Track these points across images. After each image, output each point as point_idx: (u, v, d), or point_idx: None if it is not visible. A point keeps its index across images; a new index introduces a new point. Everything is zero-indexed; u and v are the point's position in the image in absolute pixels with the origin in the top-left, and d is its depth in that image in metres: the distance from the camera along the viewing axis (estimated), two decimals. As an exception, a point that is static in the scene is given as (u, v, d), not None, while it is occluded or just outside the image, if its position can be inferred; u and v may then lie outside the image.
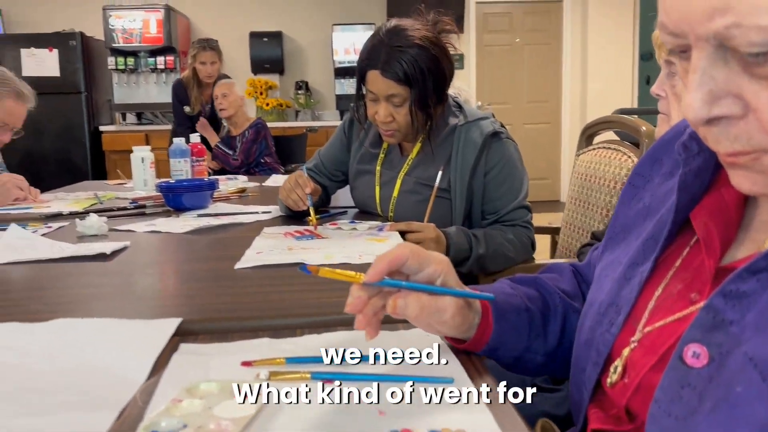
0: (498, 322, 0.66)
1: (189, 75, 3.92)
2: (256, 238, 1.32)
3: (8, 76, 2.09)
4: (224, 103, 3.43)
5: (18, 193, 1.97)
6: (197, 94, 3.91)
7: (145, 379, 0.62)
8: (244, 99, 3.57)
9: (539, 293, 0.73)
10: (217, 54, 3.88)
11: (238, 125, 3.51)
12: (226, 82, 3.55)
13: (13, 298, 0.95)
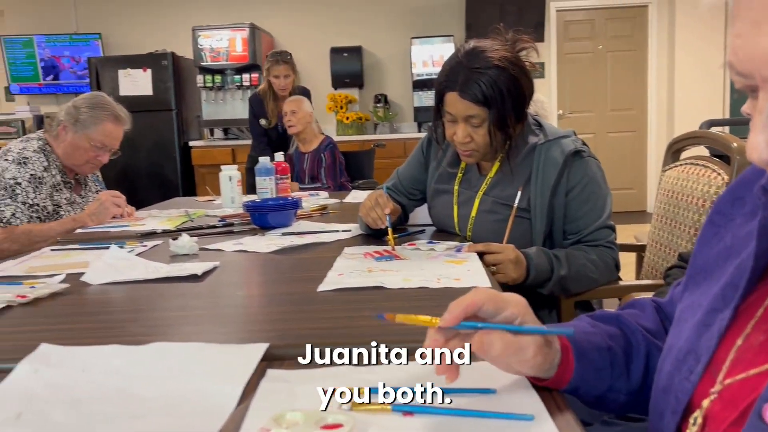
0: (579, 361, 0.66)
1: (265, 88, 3.97)
2: (338, 258, 1.35)
3: (107, 100, 2.23)
4: (293, 120, 3.46)
5: (116, 211, 2.09)
6: (273, 106, 3.94)
7: (235, 406, 0.65)
8: (313, 115, 3.59)
9: (621, 331, 0.72)
10: (290, 67, 3.89)
11: (308, 141, 3.54)
12: (295, 98, 3.58)
13: (115, 320, 1.01)
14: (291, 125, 3.47)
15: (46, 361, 0.77)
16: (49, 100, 6.73)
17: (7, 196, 2.03)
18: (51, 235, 2.00)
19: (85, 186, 2.35)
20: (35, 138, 2.20)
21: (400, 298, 1.03)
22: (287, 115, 3.47)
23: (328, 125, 6.43)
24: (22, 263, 1.45)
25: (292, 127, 3.48)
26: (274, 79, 3.87)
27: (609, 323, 0.73)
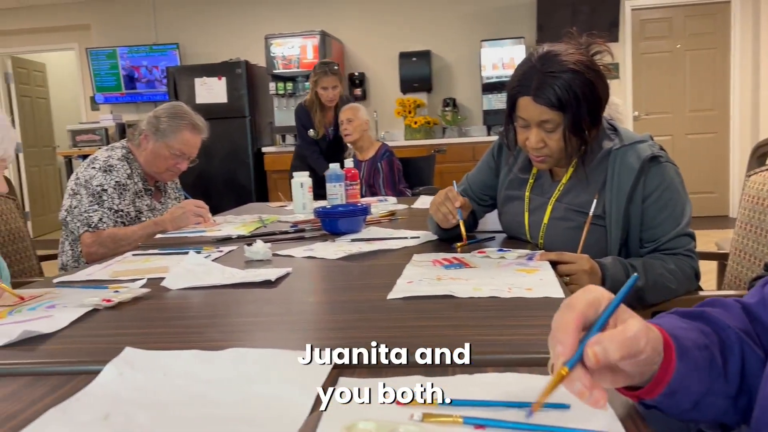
0: (681, 359, 0.59)
1: (312, 99, 3.95)
2: (407, 266, 1.35)
3: (185, 110, 2.32)
4: (349, 128, 3.45)
5: (196, 220, 2.16)
6: (320, 117, 3.93)
7: (308, 414, 0.66)
8: (369, 123, 3.56)
9: (710, 328, 0.66)
10: (338, 78, 3.87)
11: (364, 149, 3.52)
12: (351, 106, 3.55)
13: (193, 324, 1.05)
14: (347, 133, 3.46)
15: (130, 364, 0.81)
16: (130, 108, 7.05)
17: (95, 202, 2.14)
18: (134, 238, 2.09)
19: (164, 193, 2.45)
20: (119, 147, 2.31)
21: (470, 308, 1.02)
22: (343, 124, 3.47)
23: (396, 129, 6.47)
24: (107, 267, 1.52)
25: (348, 136, 3.47)
26: (321, 91, 3.85)
27: (696, 320, 0.67)
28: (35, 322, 1.01)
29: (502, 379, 0.74)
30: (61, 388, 0.77)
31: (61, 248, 2.28)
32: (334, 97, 3.88)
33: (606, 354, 0.53)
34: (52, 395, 0.75)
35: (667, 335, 0.60)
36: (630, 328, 0.55)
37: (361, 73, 6.54)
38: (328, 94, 3.84)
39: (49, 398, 0.74)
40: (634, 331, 0.54)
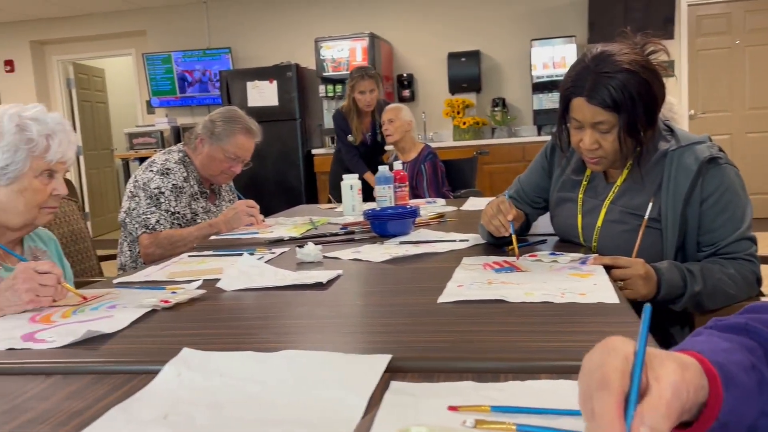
0: (728, 389, 0.55)
1: (348, 105, 3.90)
2: (457, 269, 1.35)
3: (239, 114, 2.37)
4: (390, 129, 3.41)
5: (249, 220, 2.20)
6: (357, 123, 3.89)
7: (360, 417, 0.67)
8: (412, 123, 3.51)
9: (756, 342, 0.61)
10: (375, 82, 3.81)
11: (406, 150, 3.47)
12: (393, 107, 3.51)
13: (247, 326, 1.07)
14: (389, 134, 3.43)
15: (188, 365, 0.83)
16: (185, 111, 7.23)
17: (152, 204, 2.21)
18: (190, 239, 2.14)
19: (219, 195, 2.50)
20: (176, 150, 2.38)
21: (521, 313, 1.01)
22: (385, 124, 3.44)
23: (444, 130, 6.45)
24: (164, 269, 1.56)
25: (390, 136, 3.44)
26: (359, 96, 3.81)
27: (739, 333, 0.62)
28: (98, 322, 1.05)
29: (555, 386, 0.73)
30: (122, 387, 0.80)
31: (120, 249, 2.36)
32: (372, 101, 3.83)
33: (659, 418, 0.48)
34: (114, 394, 0.78)
35: (708, 364, 0.55)
36: (666, 387, 0.50)
37: (409, 74, 6.54)
38: (366, 99, 3.80)
39: (112, 396, 0.77)
40: (672, 388, 0.50)
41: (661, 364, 0.53)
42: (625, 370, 0.51)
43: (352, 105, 3.87)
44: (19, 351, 0.95)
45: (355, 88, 3.80)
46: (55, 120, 1.45)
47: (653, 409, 0.49)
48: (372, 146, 3.97)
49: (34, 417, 0.72)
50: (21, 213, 1.42)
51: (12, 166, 1.39)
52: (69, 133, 1.48)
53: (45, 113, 1.45)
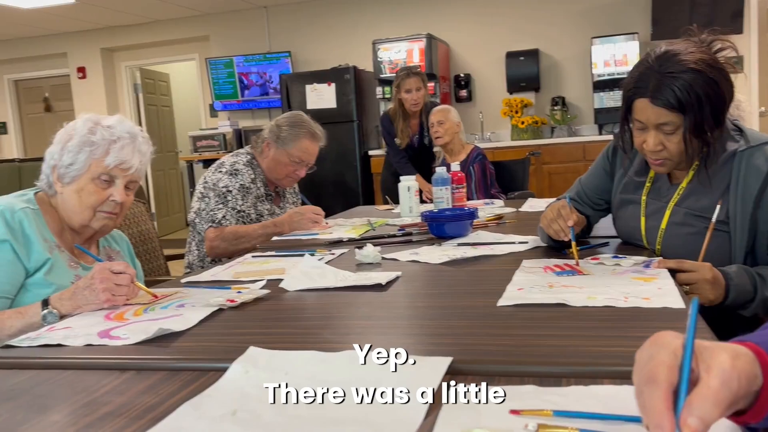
0: None
1: (395, 107, 3.82)
2: (516, 272, 1.34)
3: (305, 119, 2.43)
4: (440, 131, 3.35)
5: (312, 226, 2.24)
6: (404, 126, 3.80)
7: (422, 418, 0.68)
8: (461, 125, 3.46)
9: None
10: (421, 80, 3.71)
11: (455, 153, 3.41)
12: (442, 108, 3.45)
13: (310, 326, 1.10)
14: (438, 136, 3.37)
15: (255, 363, 0.86)
16: (246, 115, 7.39)
17: (220, 201, 2.29)
18: (254, 236, 2.21)
19: (283, 198, 2.57)
20: (243, 153, 2.45)
21: (584, 318, 1.00)
22: (434, 126, 3.38)
23: (502, 130, 6.39)
24: (229, 269, 1.61)
25: (439, 139, 3.38)
26: (405, 95, 3.71)
27: None
28: (168, 321, 1.10)
29: (619, 391, 0.72)
30: (192, 384, 0.83)
31: (188, 248, 2.44)
32: (419, 100, 3.72)
33: (704, 423, 0.49)
34: (185, 390, 0.81)
35: (764, 354, 0.55)
36: (715, 377, 0.50)
37: (466, 74, 6.51)
38: (412, 97, 3.69)
39: (183, 392, 0.80)
40: (721, 378, 0.50)
41: (711, 355, 0.53)
42: (673, 364, 0.52)
43: (399, 107, 3.78)
44: (96, 347, 1.00)
45: (401, 87, 3.70)
46: (126, 129, 1.50)
47: (702, 398, 0.50)
48: (419, 149, 3.89)
49: (112, 410, 0.76)
50: (76, 213, 1.48)
51: (74, 166, 1.46)
52: (138, 143, 1.51)
53: (121, 122, 1.51)
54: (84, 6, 6.61)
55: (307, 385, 0.79)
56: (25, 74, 8.50)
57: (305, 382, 0.80)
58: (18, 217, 1.38)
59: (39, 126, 8.56)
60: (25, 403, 0.81)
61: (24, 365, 0.95)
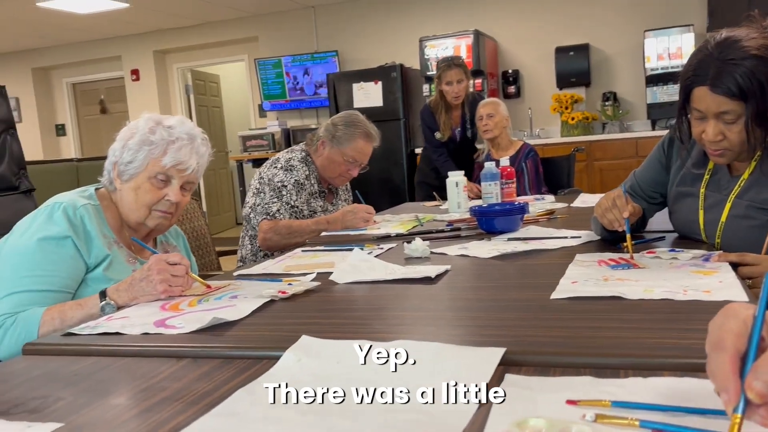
0: None
1: (436, 99, 3.69)
2: (570, 265, 1.32)
3: (360, 119, 2.44)
4: (490, 124, 3.26)
5: (364, 224, 2.25)
6: (446, 119, 3.66)
7: (476, 409, 0.67)
8: (509, 119, 3.36)
9: None
10: (463, 71, 3.56)
11: (502, 147, 3.31)
12: (491, 101, 3.36)
13: (360, 316, 1.10)
14: (487, 129, 3.27)
15: (307, 351, 0.86)
16: (294, 114, 7.48)
17: (275, 196, 2.33)
18: (306, 231, 2.24)
19: (336, 195, 2.59)
20: (298, 150, 2.49)
21: (640, 310, 0.98)
22: (483, 119, 3.28)
23: (551, 126, 6.30)
24: (280, 263, 1.63)
25: (488, 132, 3.28)
26: (446, 87, 3.57)
27: None
28: (222, 311, 1.11)
29: (680, 383, 0.70)
30: (247, 371, 0.84)
31: (241, 242, 2.49)
32: (460, 92, 3.57)
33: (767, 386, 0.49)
34: (239, 377, 0.82)
35: None
36: None
37: (515, 70, 6.44)
38: (454, 90, 3.55)
39: (237, 379, 0.81)
40: None
41: None
42: (741, 332, 0.53)
43: (440, 98, 3.65)
44: (153, 335, 1.02)
45: (442, 78, 3.56)
46: (185, 130, 1.52)
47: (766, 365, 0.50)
48: (461, 143, 3.76)
49: (169, 396, 0.77)
50: (133, 210, 1.51)
51: (133, 164, 1.49)
52: (196, 144, 1.53)
53: (181, 123, 1.53)
54: (137, 10, 6.80)
55: (359, 373, 0.79)
56: (82, 77, 8.79)
57: (357, 371, 0.80)
58: (80, 214, 1.42)
59: (95, 127, 8.84)
60: (87, 387, 0.83)
61: (85, 352, 0.98)
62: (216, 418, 0.69)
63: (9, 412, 0.75)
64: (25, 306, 1.28)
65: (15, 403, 0.78)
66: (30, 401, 0.78)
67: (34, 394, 0.81)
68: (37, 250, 1.34)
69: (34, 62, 8.66)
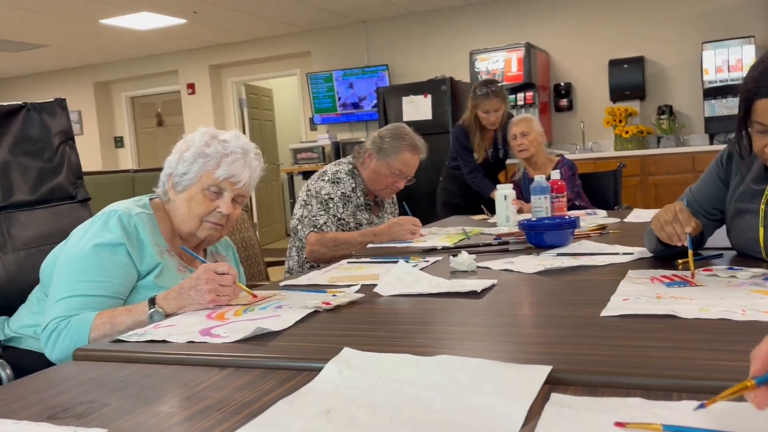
0: None
1: (470, 119, 3.53)
2: (621, 282, 1.28)
3: (407, 131, 2.44)
4: (525, 143, 3.09)
5: (410, 237, 2.24)
6: (480, 140, 3.53)
7: (520, 427, 0.65)
8: (544, 136, 3.20)
9: None
10: (502, 101, 3.42)
11: (539, 166, 3.12)
12: (524, 118, 3.20)
13: (404, 330, 1.09)
14: (522, 149, 3.11)
15: (349, 364, 0.85)
16: (344, 128, 7.54)
17: (322, 208, 2.34)
18: (353, 243, 2.24)
19: (382, 207, 2.59)
20: (345, 162, 2.50)
21: (696, 330, 0.94)
22: (517, 138, 3.12)
23: (604, 140, 6.17)
24: (325, 273, 1.63)
25: (524, 152, 3.12)
26: (483, 115, 3.44)
27: None
28: (266, 321, 1.12)
29: (737, 408, 0.66)
30: (288, 382, 0.84)
31: (289, 254, 2.51)
32: (497, 121, 3.44)
33: None
34: (281, 388, 0.82)
35: None
36: None
37: (567, 83, 6.35)
38: (490, 118, 3.43)
39: (279, 390, 0.81)
40: None
41: None
42: None
43: (473, 120, 3.51)
44: (198, 344, 1.03)
45: (480, 106, 3.44)
46: (239, 144, 1.54)
47: None
48: (494, 163, 3.66)
49: (211, 405, 0.78)
50: (185, 221, 1.53)
51: (187, 176, 1.52)
52: (249, 158, 1.56)
53: (236, 138, 1.56)
54: (194, 25, 6.99)
55: (400, 387, 0.78)
56: (140, 91, 9.08)
57: (399, 384, 0.79)
58: (134, 222, 1.45)
59: (152, 139, 9.11)
60: (132, 393, 0.84)
61: (132, 359, 1.00)
62: (257, 429, 0.69)
63: (56, 417, 0.76)
64: (78, 310, 1.31)
65: (63, 407, 0.80)
66: (77, 406, 0.80)
67: (82, 399, 0.83)
68: (93, 256, 1.37)
69: (96, 77, 8.99)
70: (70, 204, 1.79)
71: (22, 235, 1.65)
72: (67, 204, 1.79)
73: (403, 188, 2.47)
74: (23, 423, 0.75)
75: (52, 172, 1.75)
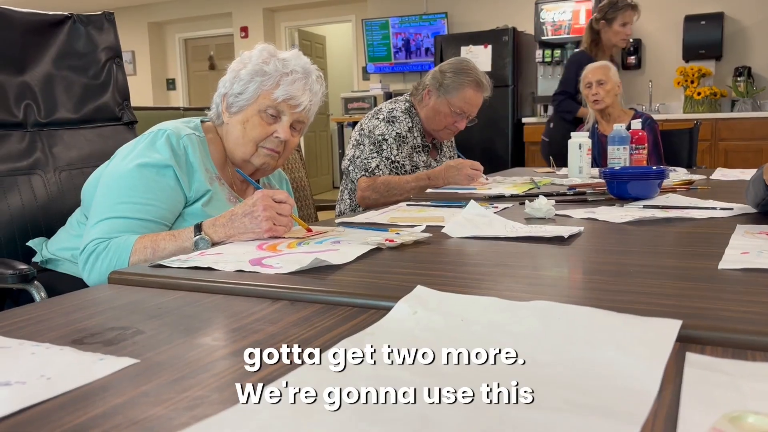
0: None
1: (590, 45, 3.33)
2: (733, 235, 1.10)
3: (471, 66, 2.24)
4: (600, 93, 2.80)
5: (469, 182, 2.07)
6: None
7: (657, 391, 0.50)
8: (621, 86, 2.92)
9: None
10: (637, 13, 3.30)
11: (612, 119, 2.83)
12: (601, 65, 2.91)
13: (483, 272, 0.94)
14: (597, 99, 2.83)
15: (424, 304, 0.72)
16: (398, 78, 7.32)
17: (374, 150, 2.18)
18: (407, 188, 2.08)
19: (440, 151, 2.42)
20: (402, 100, 2.33)
21: None
22: (592, 87, 2.83)
23: (673, 101, 5.83)
24: (384, 214, 1.49)
25: (599, 102, 2.83)
26: (619, 28, 3.23)
27: None
28: (325, 253, 0.99)
29: None
30: (351, 320, 0.71)
31: (340, 197, 2.38)
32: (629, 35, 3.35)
33: None
34: (343, 325, 0.69)
35: None
36: None
37: (636, 39, 5.96)
38: (626, 31, 3.28)
39: (341, 328, 0.68)
40: None
41: None
42: None
43: (593, 46, 3.31)
44: (247, 274, 0.91)
45: (617, 18, 3.22)
46: (301, 64, 1.40)
47: None
48: None
49: (262, 338, 0.65)
50: (239, 145, 1.40)
51: (243, 96, 1.38)
52: (311, 80, 1.41)
53: (297, 57, 1.42)
54: (250, -34, 6.81)
55: (489, 334, 0.63)
56: (193, 33, 8.99)
57: (487, 330, 0.64)
58: (183, 143, 1.33)
59: (203, 83, 9.05)
60: (170, 322, 0.72)
61: (173, 285, 0.88)
62: (317, 371, 0.56)
63: (83, 341, 0.65)
64: (119, 232, 1.21)
65: (92, 332, 0.68)
66: (107, 331, 0.68)
67: (114, 324, 0.71)
68: (137, 176, 1.26)
69: (150, 17, 8.93)
70: (116, 126, 1.69)
71: (64, 155, 1.55)
72: (112, 125, 1.68)
73: (463, 129, 2.28)
74: (44, 345, 0.63)
75: (97, 90, 1.64)
